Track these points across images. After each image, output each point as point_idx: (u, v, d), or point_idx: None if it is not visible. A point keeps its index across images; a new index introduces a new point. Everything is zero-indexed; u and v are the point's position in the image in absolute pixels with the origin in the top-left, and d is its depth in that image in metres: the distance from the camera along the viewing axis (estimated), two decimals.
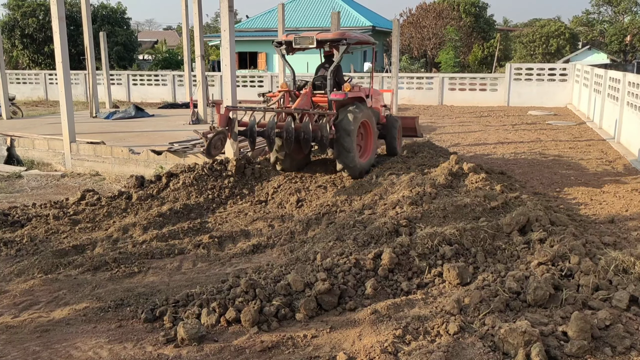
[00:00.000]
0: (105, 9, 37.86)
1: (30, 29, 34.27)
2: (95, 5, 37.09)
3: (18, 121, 16.39)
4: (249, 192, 8.81)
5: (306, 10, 41.96)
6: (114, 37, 35.63)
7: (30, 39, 34.79)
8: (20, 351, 4.33)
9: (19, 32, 34.49)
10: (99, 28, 30.64)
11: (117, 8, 38.68)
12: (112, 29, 35.61)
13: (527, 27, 51.95)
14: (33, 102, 27.34)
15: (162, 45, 52.00)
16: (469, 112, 21.51)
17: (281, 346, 4.25)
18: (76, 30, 31.27)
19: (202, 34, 15.04)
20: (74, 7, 33.11)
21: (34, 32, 34.41)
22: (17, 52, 35.34)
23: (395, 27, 18.21)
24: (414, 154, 10.39)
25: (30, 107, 24.45)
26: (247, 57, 40.21)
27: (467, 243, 5.70)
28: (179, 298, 5.02)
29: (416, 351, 3.83)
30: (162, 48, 50.52)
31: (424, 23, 42.45)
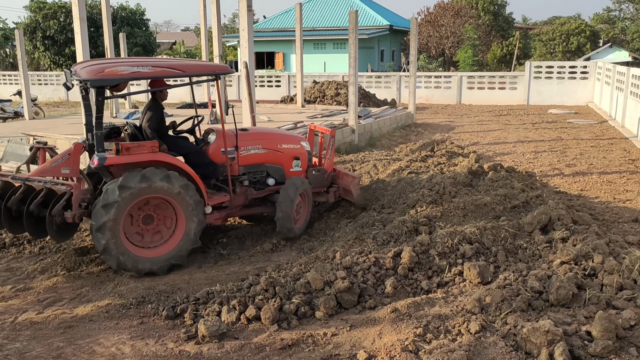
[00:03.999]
0: (125, 10, 38.25)
1: (52, 30, 34.75)
2: (115, 7, 37.49)
3: (40, 121, 16.64)
4: None
5: (324, 10, 41.94)
6: (133, 39, 35.97)
7: (52, 40, 35.28)
8: (45, 347, 4.39)
9: (41, 34, 34.99)
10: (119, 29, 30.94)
11: (137, 9, 39.06)
12: (131, 30, 35.96)
13: (547, 25, 51.37)
14: (54, 103, 27.73)
15: (180, 46, 52.41)
16: (487, 111, 21.33)
17: (301, 344, 4.26)
18: (96, 32, 31.65)
19: (220, 34, 15.12)
20: (94, 8, 33.50)
21: (55, 34, 34.88)
22: (39, 53, 35.85)
23: (413, 25, 18.12)
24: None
25: (52, 108, 24.80)
26: (265, 57, 40.33)
27: (487, 242, 5.65)
28: (199, 296, 5.06)
29: (437, 350, 3.81)
30: (180, 49, 50.91)
31: (442, 21, 42.17)
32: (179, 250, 5.98)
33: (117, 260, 5.68)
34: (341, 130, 13.28)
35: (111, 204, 5.53)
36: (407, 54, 33.75)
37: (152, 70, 5.84)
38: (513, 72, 30.12)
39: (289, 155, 7.07)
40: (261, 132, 7.34)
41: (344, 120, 14.28)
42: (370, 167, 9.47)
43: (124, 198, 5.57)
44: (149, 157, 5.81)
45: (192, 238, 6.03)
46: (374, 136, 14.88)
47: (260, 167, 6.89)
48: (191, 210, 5.92)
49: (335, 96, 20.92)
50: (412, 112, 18.21)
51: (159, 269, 5.86)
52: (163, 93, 6.62)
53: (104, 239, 5.55)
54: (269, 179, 6.95)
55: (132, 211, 5.81)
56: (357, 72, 13.66)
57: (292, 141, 7.19)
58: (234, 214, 6.89)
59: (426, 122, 18.53)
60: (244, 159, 6.68)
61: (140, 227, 5.92)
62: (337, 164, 10.07)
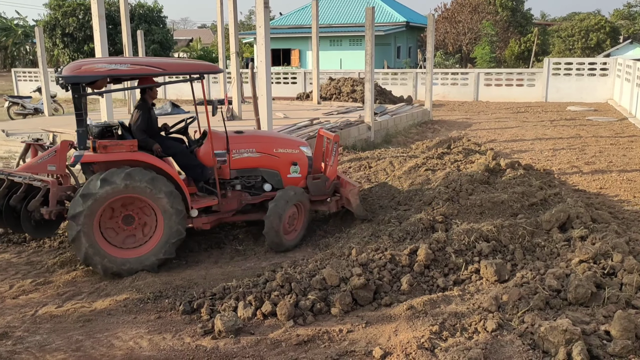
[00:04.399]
0: (143, 7, 38.52)
1: (71, 28, 35.12)
2: (133, 4, 37.78)
3: (59, 118, 16.85)
4: None
5: (340, 7, 41.88)
6: (151, 36, 36.22)
7: (71, 37, 35.66)
8: (64, 340, 4.46)
9: (60, 32, 35.39)
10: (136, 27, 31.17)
11: (154, 7, 39.32)
12: (149, 28, 36.21)
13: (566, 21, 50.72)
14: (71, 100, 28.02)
15: (197, 43, 52.66)
16: (505, 108, 21.14)
17: (317, 340, 4.27)
18: (114, 29, 31.94)
19: (237, 31, 15.17)
20: (112, 6, 33.78)
21: (74, 31, 35.25)
22: (58, 50, 36.26)
23: (430, 22, 18.01)
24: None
25: (71, 105, 25.05)
26: (281, 54, 40.39)
27: (504, 240, 5.61)
28: (215, 291, 5.10)
29: (453, 348, 3.80)
30: (197, 46, 51.15)
31: (459, 18, 41.87)
32: (152, 255, 5.80)
33: (85, 252, 5.59)
34: (357, 127, 13.26)
35: (90, 195, 5.49)
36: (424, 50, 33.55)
37: (130, 68, 5.67)
38: (531, 68, 29.82)
39: (285, 160, 6.67)
40: (256, 135, 7.00)
41: (360, 117, 14.25)
42: (387, 164, 9.44)
43: (105, 192, 5.51)
44: (127, 156, 5.72)
45: (169, 245, 5.81)
46: (390, 133, 14.84)
47: (255, 172, 6.57)
48: (170, 216, 5.74)
49: (351, 93, 20.89)
50: (429, 109, 18.12)
51: (125, 270, 5.73)
52: (153, 92, 6.44)
53: (76, 228, 5.50)
54: (266, 185, 6.63)
55: (113, 208, 5.76)
56: (374, 69, 13.62)
57: (289, 145, 6.79)
58: (227, 219, 6.58)
59: (443, 119, 18.42)
60: (236, 162, 6.42)
61: (119, 226, 5.85)
62: (352, 161, 10.06)
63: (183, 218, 5.84)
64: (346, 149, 11.20)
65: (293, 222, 6.52)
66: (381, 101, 19.77)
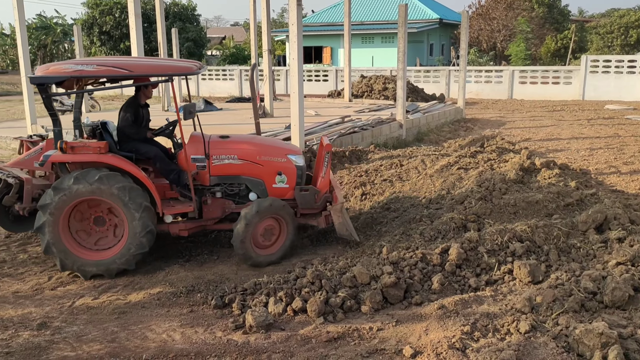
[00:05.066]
0: (177, 6, 39.09)
1: (108, 26, 35.87)
2: (168, 3, 38.35)
3: (96, 114, 17.22)
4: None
5: (372, 4, 41.69)
6: (185, 34, 36.74)
7: (108, 36, 36.42)
8: (100, 331, 4.57)
9: (97, 30, 36.18)
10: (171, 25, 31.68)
11: (188, 5, 39.86)
12: (183, 26, 36.73)
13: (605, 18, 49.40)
14: (109, 97, 28.63)
15: (229, 41, 53.12)
16: (540, 107, 20.74)
17: (347, 337, 4.28)
18: (149, 27, 32.49)
19: (270, 28, 15.26)
20: (148, 4, 34.35)
21: (110, 29, 35.99)
22: (96, 48, 37.06)
23: (464, 19, 17.78)
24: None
25: (107, 101, 25.62)
26: (312, 52, 40.45)
27: (539, 240, 5.51)
28: (247, 286, 5.15)
29: (485, 348, 3.75)
30: (229, 44, 51.61)
31: (494, 14, 41.21)
32: (123, 255, 5.71)
33: (46, 243, 5.61)
34: (389, 125, 13.20)
35: (46, 206, 5.53)
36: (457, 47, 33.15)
37: (96, 69, 5.57)
38: (568, 66, 29.17)
39: (270, 169, 6.25)
40: (239, 141, 6.50)
41: (392, 115, 14.18)
42: (418, 162, 9.37)
43: (59, 200, 5.51)
44: (94, 157, 5.66)
45: (137, 243, 5.69)
46: (422, 131, 14.72)
47: (237, 179, 6.25)
48: (133, 216, 5.61)
49: (382, 91, 20.79)
50: (462, 107, 17.91)
51: (105, 271, 5.72)
52: (148, 91, 6.34)
53: (42, 219, 5.55)
54: (251, 194, 6.29)
55: (79, 212, 5.76)
56: (406, 67, 13.53)
57: (275, 154, 6.34)
58: (210, 226, 6.32)
59: (476, 117, 18.18)
60: (217, 168, 6.14)
61: (91, 228, 5.83)
62: (384, 159, 10.02)
63: (148, 213, 5.68)
64: (377, 147, 11.15)
65: (270, 236, 6.05)
66: (413, 99, 19.63)
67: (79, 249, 5.75)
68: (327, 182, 6.41)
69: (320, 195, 6.31)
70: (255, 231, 5.92)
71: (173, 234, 6.13)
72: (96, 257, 5.77)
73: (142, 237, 5.68)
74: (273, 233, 6.08)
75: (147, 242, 5.75)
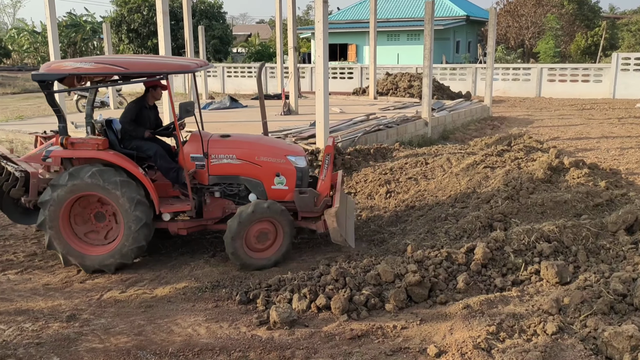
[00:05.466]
0: (203, 3, 39.41)
1: (136, 24, 36.35)
2: (195, 1, 38.70)
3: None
4: None
5: (398, 1, 41.43)
6: (211, 31, 37.03)
7: (135, 33, 36.91)
8: (127, 324, 4.65)
9: (126, 27, 36.69)
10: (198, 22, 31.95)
11: (214, 3, 40.16)
12: (209, 23, 37.02)
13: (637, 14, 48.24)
14: (137, 93, 28.99)
15: (255, 39, 53.38)
16: (569, 105, 20.38)
17: (370, 335, 4.27)
18: (176, 25, 32.80)
19: (295, 26, 15.28)
20: (175, 2, 34.71)
21: (138, 27, 36.47)
22: (124, 46, 37.60)
23: (492, 16, 17.55)
24: None
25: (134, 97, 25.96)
26: (337, 49, 40.39)
27: (567, 241, 5.42)
28: (271, 282, 5.18)
29: (511, 349, 3.72)
30: (255, 41, 51.86)
31: (522, 11, 40.58)
32: (120, 250, 5.77)
33: (62, 255, 5.82)
34: (414, 123, 13.12)
35: (45, 202, 5.69)
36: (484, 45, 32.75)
37: (93, 67, 5.65)
38: (598, 64, 28.58)
39: (269, 170, 6.15)
40: (239, 141, 6.39)
41: (417, 113, 14.08)
42: (444, 160, 9.28)
43: (57, 196, 5.65)
44: (92, 153, 5.76)
45: (133, 237, 5.73)
46: (448, 129, 14.59)
47: (236, 179, 6.19)
48: (127, 211, 5.66)
49: (408, 88, 20.66)
50: (488, 105, 17.70)
51: (104, 266, 5.82)
52: (157, 92, 6.39)
53: (43, 214, 5.72)
54: (250, 195, 6.22)
55: (80, 207, 5.88)
56: (432, 64, 13.42)
57: (274, 154, 6.23)
58: (210, 226, 6.31)
59: (503, 115, 17.95)
60: (215, 168, 6.11)
61: (92, 223, 5.96)
62: (408, 157, 9.97)
63: (144, 210, 5.73)
64: (402, 145, 11.09)
65: (264, 239, 5.90)
66: (439, 97, 19.46)
67: (80, 244, 5.88)
68: (328, 185, 6.23)
69: (320, 198, 6.11)
70: (249, 232, 5.79)
71: (172, 232, 6.12)
72: (96, 251, 5.87)
73: (137, 231, 5.71)
74: (268, 237, 5.91)
75: (143, 236, 5.76)
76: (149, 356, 4.12)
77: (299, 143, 10.45)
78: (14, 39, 46.85)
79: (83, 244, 5.89)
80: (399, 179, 8.61)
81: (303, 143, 10.41)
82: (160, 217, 5.98)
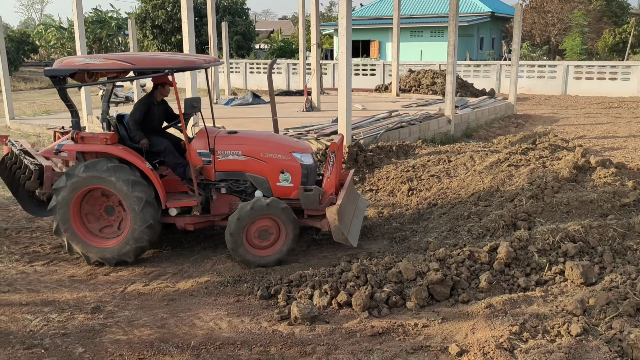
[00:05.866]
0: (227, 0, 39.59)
1: (160, 20, 36.66)
2: None
3: None
4: (360, 179, 8.86)
5: None
6: (234, 27, 37.19)
7: (159, 29, 37.23)
8: (150, 317, 4.71)
9: (150, 24, 37.03)
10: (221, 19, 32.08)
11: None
12: (232, 20, 37.17)
13: None
14: None
15: (277, 35, 53.46)
16: (596, 103, 20.02)
17: (391, 332, 4.26)
18: (200, 21, 33.01)
19: (319, 22, 15.27)
20: None
21: (163, 23, 36.78)
22: (148, 42, 37.97)
23: (518, 12, 17.32)
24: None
25: None
26: (360, 46, 40.24)
27: (592, 241, 5.33)
28: (292, 278, 5.20)
29: (534, 350, 3.67)
30: (277, 37, 51.95)
31: (549, 7, 39.93)
32: (123, 247, 5.85)
33: (67, 242, 5.94)
34: (437, 120, 13.02)
35: (59, 189, 5.83)
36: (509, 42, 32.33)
37: (102, 62, 5.78)
38: (626, 61, 28.02)
39: (274, 167, 6.13)
40: (245, 137, 6.39)
41: (440, 110, 13.98)
42: (467, 158, 9.20)
43: (71, 184, 5.78)
44: (100, 147, 5.88)
45: (137, 236, 5.80)
46: (471, 127, 14.46)
47: (242, 176, 6.19)
48: (134, 209, 5.73)
49: (431, 85, 20.51)
50: (513, 102, 17.48)
51: (105, 259, 5.90)
52: (165, 89, 6.41)
53: (55, 200, 5.86)
54: (257, 191, 6.20)
55: (92, 198, 5.99)
56: (456, 61, 13.30)
57: (279, 151, 6.18)
58: (217, 222, 6.28)
59: (527, 113, 17.72)
60: (221, 164, 6.13)
61: (101, 216, 6.07)
62: (431, 154, 9.90)
63: (147, 204, 5.75)
64: (425, 142, 11.02)
65: (267, 236, 5.85)
66: (462, 94, 19.28)
67: (86, 234, 5.98)
68: (333, 183, 6.17)
69: (325, 196, 6.04)
70: (250, 229, 5.76)
71: (179, 228, 6.16)
72: (100, 244, 5.96)
73: (141, 231, 5.77)
74: (270, 235, 5.85)
75: (147, 237, 5.82)
76: (172, 349, 4.17)
77: (321, 140, 10.45)
78: (42, 34, 47.63)
79: (89, 235, 6.00)
80: (421, 177, 8.56)
81: (325, 140, 10.41)
82: (167, 212, 6.04)
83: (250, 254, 5.79)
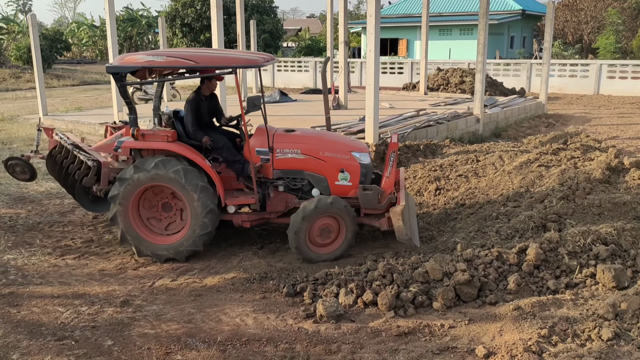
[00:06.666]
0: None
1: (189, 18, 37.05)
2: None
3: (176, 103, 17.87)
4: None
5: None
6: (262, 25, 37.34)
7: (189, 27, 37.62)
8: (178, 311, 4.77)
9: (179, 22, 37.45)
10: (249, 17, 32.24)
11: None
12: (260, 18, 37.35)
13: None
14: (189, 87, 29.60)
15: (305, 33, 53.52)
16: (630, 103, 19.55)
17: (417, 333, 4.24)
18: (228, 20, 33.24)
19: (347, 20, 15.23)
20: None
21: (192, 21, 37.16)
22: (177, 40, 38.41)
23: (550, 10, 17.01)
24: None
25: (188, 91, 26.48)
26: (388, 44, 40.01)
27: (625, 244, 5.21)
28: (318, 276, 5.20)
29: (563, 354, 3.61)
30: (305, 35, 52.00)
31: (582, 5, 39.10)
32: (189, 237, 5.88)
33: (120, 232, 5.96)
34: (465, 119, 12.89)
35: (115, 197, 5.85)
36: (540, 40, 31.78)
37: (165, 60, 5.75)
38: None
39: (333, 166, 6.16)
40: (304, 136, 6.42)
41: (469, 109, 13.83)
42: (496, 158, 9.08)
43: (125, 189, 5.80)
44: (161, 145, 5.90)
45: (200, 224, 5.82)
46: (500, 126, 14.26)
47: (300, 174, 6.22)
48: (192, 197, 5.76)
49: (459, 84, 20.30)
50: (543, 102, 17.18)
51: (176, 254, 5.94)
52: (211, 83, 6.41)
53: (114, 209, 5.88)
54: (314, 190, 6.24)
55: (147, 200, 6.02)
56: (486, 59, 13.13)
57: (339, 150, 6.22)
58: (273, 220, 6.37)
59: (558, 112, 17.39)
60: (280, 162, 6.15)
61: (160, 214, 6.09)
62: (459, 154, 9.79)
63: (210, 212, 5.81)
64: (453, 141, 10.91)
65: (329, 234, 5.93)
66: (491, 93, 19.03)
67: (150, 234, 6.02)
68: (392, 182, 6.17)
69: (384, 196, 6.06)
70: (312, 227, 5.83)
71: (236, 225, 6.21)
72: (167, 241, 6.00)
73: (204, 217, 5.80)
74: (331, 232, 5.93)
75: (210, 222, 5.85)
76: (198, 344, 4.21)
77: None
78: (74, 32, 48.62)
79: (153, 235, 6.02)
80: (448, 176, 8.48)
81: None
82: (225, 209, 6.09)
83: (312, 251, 5.87)
